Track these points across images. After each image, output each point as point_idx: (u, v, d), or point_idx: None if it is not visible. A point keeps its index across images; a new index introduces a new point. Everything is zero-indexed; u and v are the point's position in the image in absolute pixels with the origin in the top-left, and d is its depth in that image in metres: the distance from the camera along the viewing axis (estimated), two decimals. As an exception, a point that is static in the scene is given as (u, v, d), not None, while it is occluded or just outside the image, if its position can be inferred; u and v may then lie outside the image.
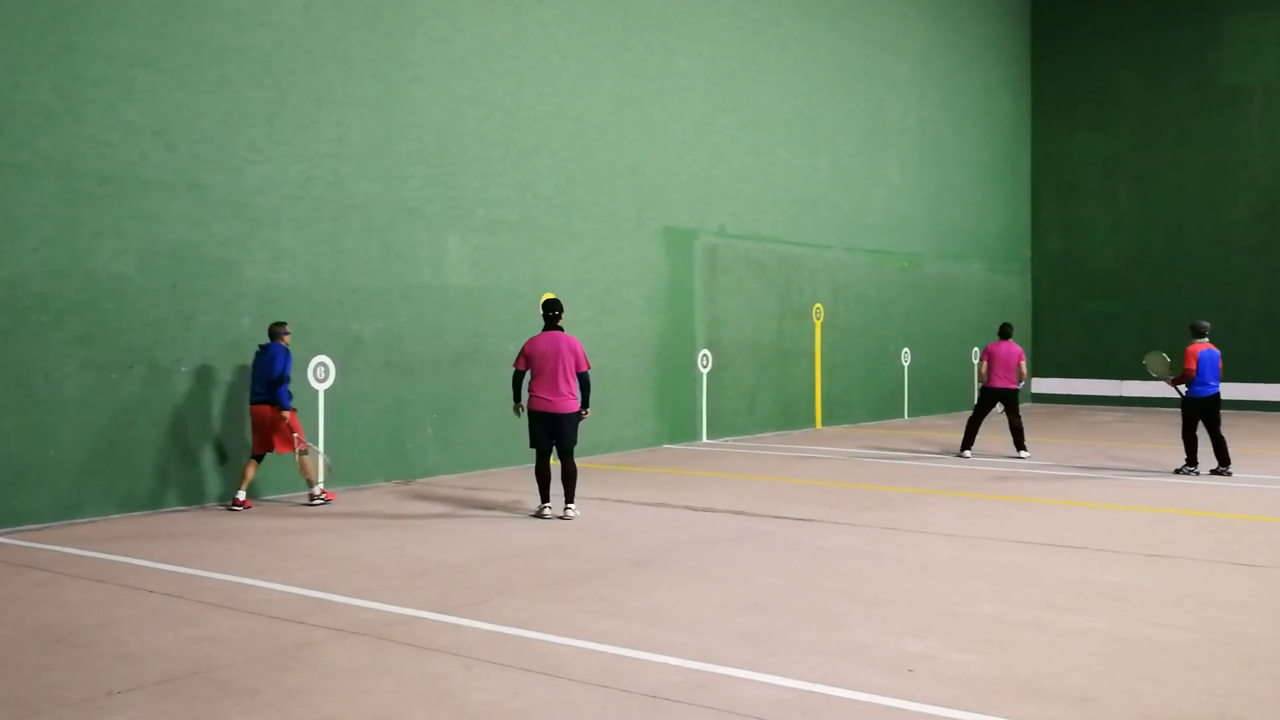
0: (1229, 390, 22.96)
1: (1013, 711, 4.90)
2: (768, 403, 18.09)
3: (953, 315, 22.99)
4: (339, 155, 11.89)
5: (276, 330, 10.65)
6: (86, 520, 9.85)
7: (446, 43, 13.01)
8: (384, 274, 12.33)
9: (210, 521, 9.89)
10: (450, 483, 12.26)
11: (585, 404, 10.04)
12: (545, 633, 6.15)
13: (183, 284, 10.56)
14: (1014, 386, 15.22)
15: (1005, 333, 15.66)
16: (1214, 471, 12.97)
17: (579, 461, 10.75)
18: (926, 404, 22.03)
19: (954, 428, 19.39)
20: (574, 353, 9.91)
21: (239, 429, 10.95)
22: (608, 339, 15.08)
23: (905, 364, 21.37)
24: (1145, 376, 13.70)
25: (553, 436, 9.94)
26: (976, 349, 23.51)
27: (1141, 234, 24.63)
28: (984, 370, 15.38)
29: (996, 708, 4.94)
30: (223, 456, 10.83)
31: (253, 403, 10.58)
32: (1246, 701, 5.04)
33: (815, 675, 5.39)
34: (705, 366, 16.78)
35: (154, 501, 10.35)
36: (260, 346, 10.66)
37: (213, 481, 10.80)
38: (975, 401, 15.75)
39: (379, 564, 8.07)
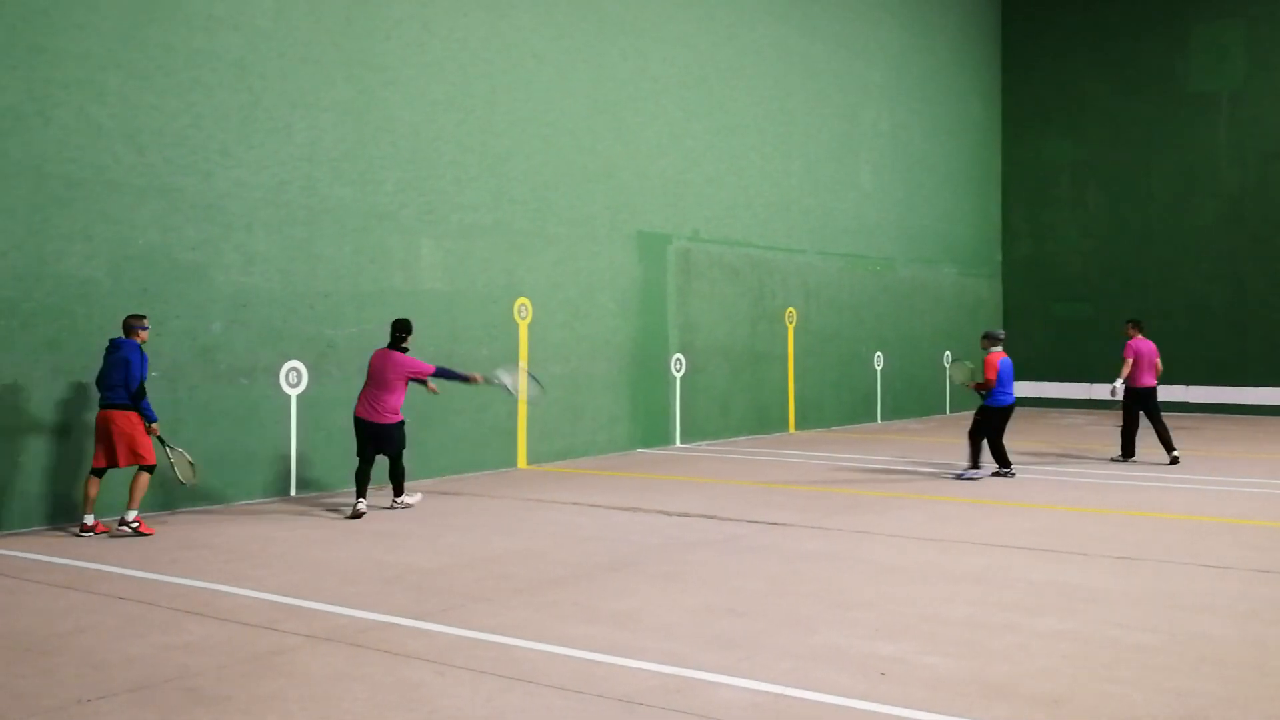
0: (1198, 393, 23.30)
1: (984, 713, 4.94)
2: (741, 407, 18.14)
3: (924, 319, 23.12)
4: (312, 159, 11.84)
5: (133, 324, 9.47)
6: (57, 526, 9.76)
7: (420, 47, 12.99)
8: (357, 279, 12.28)
9: (181, 528, 9.83)
10: (423, 487, 12.22)
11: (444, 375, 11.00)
12: (519, 638, 6.15)
13: (153, 288, 10.49)
14: (1154, 384, 14.47)
15: (1139, 326, 14.74)
16: (996, 474, 12.92)
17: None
18: (899, 408, 22.15)
19: (927, 431, 19.52)
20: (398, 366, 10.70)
21: (208, 434, 10.87)
22: (581, 343, 15.09)
23: (878, 368, 21.48)
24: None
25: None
26: (949, 353, 23.67)
27: (1110, 238, 24.86)
28: (1128, 370, 14.34)
29: (968, 710, 4.98)
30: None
31: (102, 407, 9.36)
32: (1214, 702, 5.11)
33: (788, 679, 5.42)
34: (679, 370, 16.81)
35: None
36: (112, 342, 9.47)
37: (184, 488, 10.70)
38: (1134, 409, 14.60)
39: (352, 570, 8.05)
